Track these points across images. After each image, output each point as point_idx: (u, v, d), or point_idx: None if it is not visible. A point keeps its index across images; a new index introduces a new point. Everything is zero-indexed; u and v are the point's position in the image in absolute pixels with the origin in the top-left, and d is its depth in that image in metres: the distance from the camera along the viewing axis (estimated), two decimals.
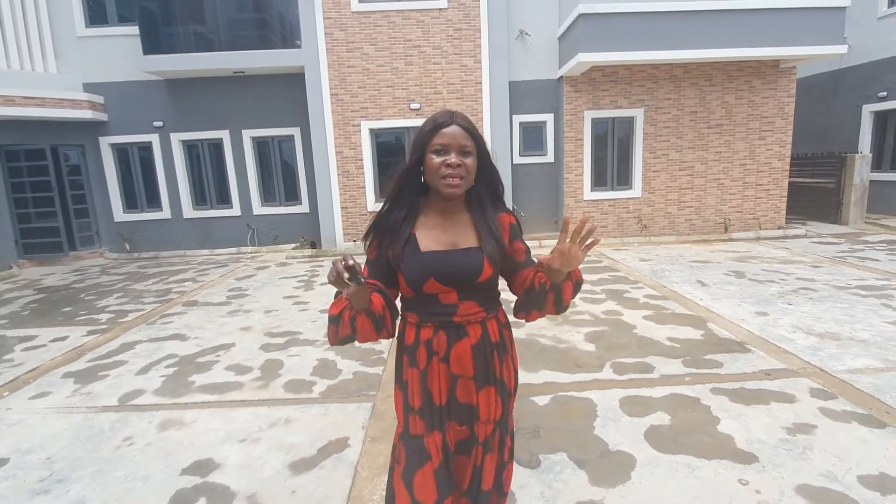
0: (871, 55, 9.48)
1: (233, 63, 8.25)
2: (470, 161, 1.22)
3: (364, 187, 8.66)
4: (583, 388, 3.11)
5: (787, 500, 2.02)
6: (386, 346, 3.97)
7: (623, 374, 3.29)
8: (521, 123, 8.84)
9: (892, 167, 9.57)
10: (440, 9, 8.07)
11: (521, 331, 4.21)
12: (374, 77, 8.25)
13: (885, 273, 5.67)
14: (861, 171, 8.79)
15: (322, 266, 7.53)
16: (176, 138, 9.05)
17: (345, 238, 8.80)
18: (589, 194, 8.70)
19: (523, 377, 3.26)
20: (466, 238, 1.28)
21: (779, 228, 8.76)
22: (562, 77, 8.36)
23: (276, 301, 5.53)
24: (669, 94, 8.38)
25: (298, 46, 8.18)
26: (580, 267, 1.25)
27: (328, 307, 1.30)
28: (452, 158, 1.19)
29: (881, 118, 9.78)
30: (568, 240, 1.14)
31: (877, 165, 9.58)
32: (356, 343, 1.29)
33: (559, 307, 1.28)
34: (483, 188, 1.31)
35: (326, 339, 1.40)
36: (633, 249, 7.97)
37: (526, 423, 2.72)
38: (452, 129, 1.21)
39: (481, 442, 1.34)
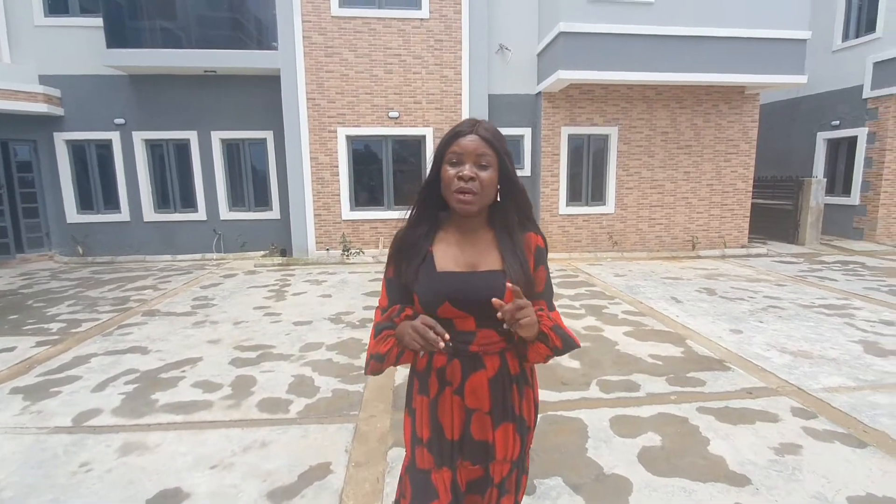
0: (826, 86, 10.08)
1: (205, 61, 7.94)
2: (487, 174, 1.11)
3: (339, 195, 8.46)
4: (572, 407, 3.05)
5: None
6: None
7: (610, 392, 3.26)
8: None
9: (843, 192, 10.16)
10: (422, 19, 8.05)
11: None
12: (352, 83, 8.11)
13: (844, 293, 5.95)
14: (816, 194, 9.28)
15: (293, 275, 7.27)
16: (139, 137, 8.60)
17: (317, 246, 8.55)
18: (564, 209, 8.81)
19: None
20: (488, 259, 1.18)
21: (742, 247, 9.11)
22: (540, 92, 8.47)
23: (246, 312, 5.26)
24: (642, 115, 8.62)
25: (275, 48, 7.96)
26: (575, 329, 1.19)
27: (369, 345, 1.24)
28: (466, 170, 1.09)
29: (833, 145, 10.39)
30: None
31: (830, 190, 10.15)
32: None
33: (523, 360, 1.22)
34: (510, 205, 1.20)
35: (364, 369, 1.28)
36: (606, 264, 8.09)
37: None
38: (470, 139, 1.11)
39: (496, 483, 1.23)
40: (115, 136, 8.56)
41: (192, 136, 8.66)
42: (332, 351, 4.05)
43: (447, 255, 1.19)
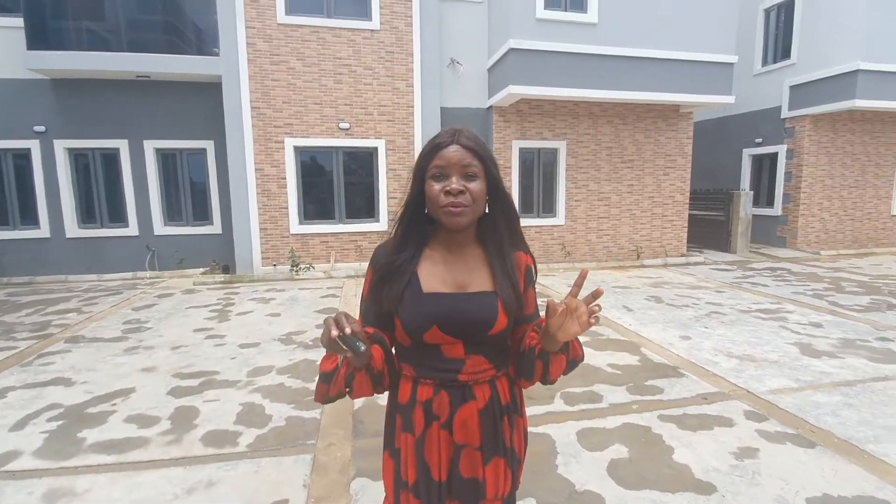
0: (749, 106, 10.95)
1: (137, 66, 7.40)
2: (476, 185, 1.02)
3: (287, 208, 8.11)
4: (538, 422, 3.00)
5: None
6: None
7: (574, 404, 3.25)
8: None
9: (767, 203, 11.01)
10: (372, 30, 7.96)
11: None
12: (300, 93, 7.85)
13: (776, 297, 6.37)
14: (745, 206, 10.00)
15: (238, 293, 6.84)
16: (61, 146, 7.85)
17: (263, 262, 8.13)
18: None
19: None
20: (478, 279, 1.09)
21: (682, 256, 9.62)
22: (491, 107, 8.60)
23: (185, 335, 4.85)
24: (588, 130, 8.95)
25: (216, 54, 7.56)
26: (583, 346, 1.11)
27: (319, 362, 1.14)
28: (453, 184, 1.00)
29: (757, 161, 11.27)
30: (577, 299, 0.95)
31: (756, 202, 10.96)
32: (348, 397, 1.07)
33: (545, 380, 1.08)
34: (499, 217, 1.11)
35: (314, 396, 1.12)
36: (559, 275, 8.25)
37: None
38: (453, 150, 1.02)
39: None
40: (34, 145, 7.77)
41: (122, 144, 8.02)
42: (284, 375, 3.79)
43: (434, 275, 1.09)
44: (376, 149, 8.32)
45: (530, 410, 3.16)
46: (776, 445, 2.71)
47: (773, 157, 10.80)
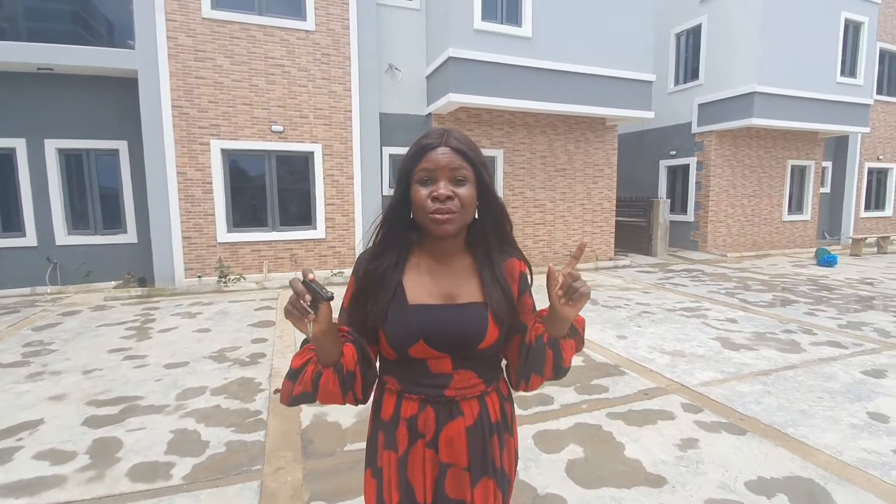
0: (664, 122, 11.91)
1: (38, 57, 6.57)
2: (465, 191, 0.96)
3: (213, 214, 7.56)
4: None
5: None
6: (262, 404, 3.35)
7: (527, 407, 3.29)
8: (391, 156, 8.80)
9: (681, 210, 11.99)
10: (307, 31, 7.69)
11: None
12: (228, 92, 7.38)
13: (695, 296, 6.93)
14: (664, 213, 10.82)
15: (158, 308, 6.25)
16: None
17: (187, 273, 7.51)
18: None
19: None
20: (466, 289, 1.04)
21: (610, 259, 10.20)
22: (431, 114, 8.62)
23: (98, 357, 4.32)
24: (524, 139, 9.25)
25: (131, 47, 6.91)
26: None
27: (289, 363, 1.01)
28: (441, 189, 0.94)
29: (672, 171, 12.27)
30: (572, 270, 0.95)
31: (673, 209, 11.91)
32: (317, 402, 1.00)
33: (558, 370, 1.04)
34: (488, 224, 1.05)
35: (277, 396, 1.00)
36: None
37: None
38: (441, 152, 0.96)
39: None
40: None
41: (18, 144, 7.06)
42: (219, 396, 3.49)
43: (420, 286, 1.03)
44: (312, 153, 8.02)
45: None
46: (713, 435, 2.90)
47: (686, 168, 11.81)
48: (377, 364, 1.10)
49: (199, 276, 7.53)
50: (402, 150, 8.76)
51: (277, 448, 2.77)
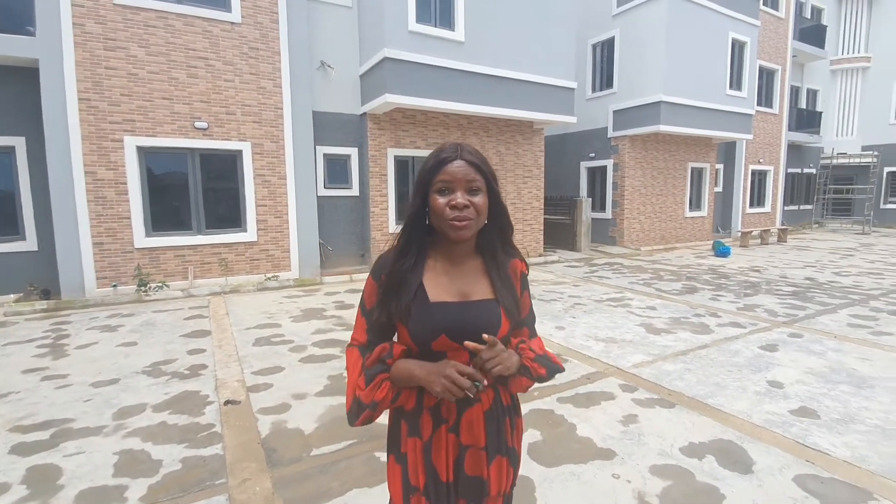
0: (584, 126, 12.76)
1: None
2: (479, 199, 1.08)
3: (129, 218, 6.94)
4: None
5: (649, 482, 2.43)
6: (214, 416, 3.21)
7: None
8: (325, 155, 8.62)
9: (601, 208, 12.94)
10: (233, 22, 7.30)
11: None
12: (144, 85, 6.81)
13: (619, 287, 7.57)
14: (586, 211, 11.62)
15: (70, 322, 5.64)
16: None
17: (99, 283, 6.83)
18: (394, 227, 9.01)
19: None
20: (479, 288, 1.15)
21: (540, 256, 10.77)
22: (365, 113, 8.56)
23: (12, 379, 3.85)
24: (458, 141, 9.45)
25: (31, 34, 6.14)
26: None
27: (351, 394, 1.15)
28: (459, 198, 1.05)
29: (592, 172, 13.20)
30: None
31: (594, 207, 12.81)
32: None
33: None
34: (494, 229, 1.17)
35: (348, 420, 1.08)
36: None
37: None
38: (457, 165, 1.07)
39: None
40: None
41: None
42: (163, 412, 3.28)
43: (438, 285, 1.13)
44: (241, 152, 7.64)
45: None
46: (648, 410, 3.26)
47: (603, 170, 12.76)
48: None
49: (114, 286, 6.89)
50: (338, 150, 8.65)
51: (239, 460, 2.69)
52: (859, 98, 19.43)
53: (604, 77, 12.53)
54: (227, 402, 3.44)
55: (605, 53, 12.48)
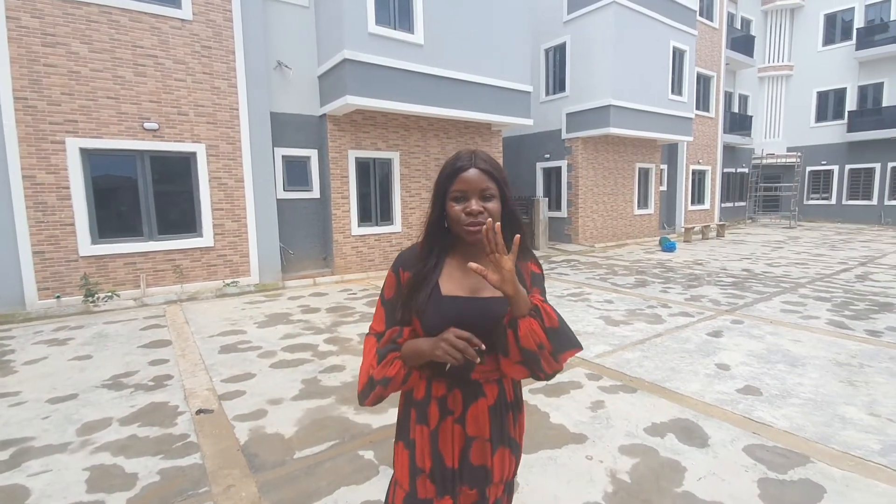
0: (539, 128, 13.18)
1: None
2: (492, 205, 1.14)
3: (73, 224, 6.54)
4: None
5: (619, 460, 2.63)
6: (187, 426, 3.15)
7: None
8: (284, 157, 8.45)
9: (557, 207, 13.40)
10: (183, 19, 7.03)
11: (345, 373, 4.04)
12: (88, 83, 6.45)
13: (577, 283, 7.91)
14: (543, 210, 12.02)
15: (13, 337, 5.27)
16: None
17: (41, 294, 6.39)
18: (356, 230, 8.97)
19: (378, 420, 3.17)
20: (490, 285, 1.16)
21: None
22: (325, 115, 8.47)
23: None
24: (419, 142, 9.57)
25: None
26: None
27: (363, 373, 1.22)
28: (473, 205, 1.12)
29: (548, 172, 13.65)
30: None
31: (550, 206, 13.24)
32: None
33: (524, 353, 1.08)
34: (507, 232, 1.18)
35: (359, 399, 1.15)
36: None
37: None
38: (471, 174, 1.14)
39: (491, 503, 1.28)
40: None
41: None
42: (131, 425, 3.18)
43: (452, 280, 1.22)
44: (195, 154, 7.37)
45: None
46: (613, 395, 3.49)
47: (558, 170, 13.23)
48: None
49: (58, 297, 6.47)
50: (297, 151, 8.52)
51: (220, 467, 2.66)
52: (784, 103, 21.15)
53: (557, 81, 12.99)
54: (199, 412, 3.37)
55: (557, 58, 12.94)
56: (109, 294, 6.68)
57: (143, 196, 7.08)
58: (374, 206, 9.26)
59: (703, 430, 2.94)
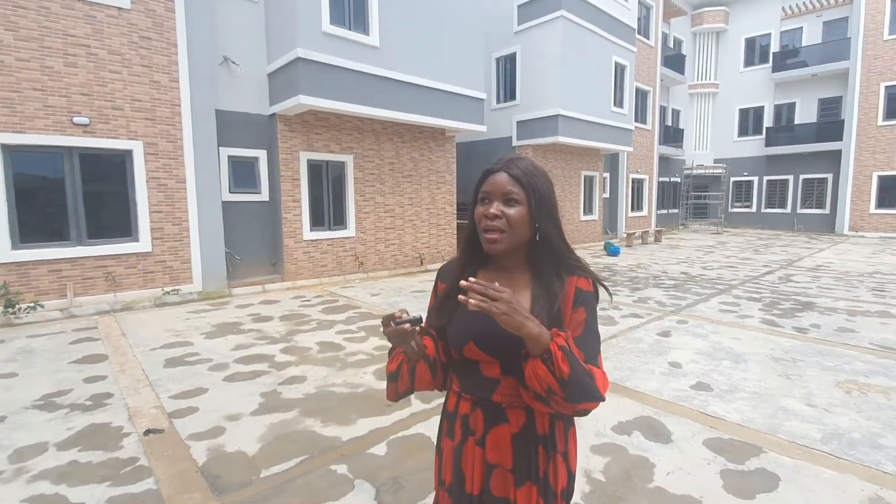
0: (491, 135, 13.41)
1: None
2: (514, 211, 1.06)
3: None
4: (407, 425, 3.17)
5: (591, 460, 2.70)
6: (135, 449, 2.89)
7: (430, 401, 3.53)
8: (230, 157, 8.04)
9: None
10: (119, 8, 6.51)
11: (307, 384, 3.89)
12: (12, 74, 5.81)
13: None
14: None
15: None
16: None
17: None
18: (308, 234, 8.69)
19: (347, 432, 3.06)
20: (520, 301, 1.02)
21: None
22: (275, 114, 8.15)
23: None
24: (373, 146, 9.44)
25: None
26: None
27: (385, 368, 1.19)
28: (491, 208, 1.06)
29: None
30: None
31: None
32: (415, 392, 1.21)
33: (539, 399, 0.98)
34: (542, 245, 1.12)
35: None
36: (358, 286, 8.43)
37: (381, 476, 2.57)
38: (498, 176, 1.08)
39: None
40: None
41: None
42: (70, 449, 2.87)
43: None
44: (131, 152, 6.83)
45: (395, 417, 3.30)
46: None
47: None
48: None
49: None
50: (244, 152, 8.16)
51: (178, 492, 2.46)
52: (711, 118, 22.89)
53: (507, 89, 13.30)
54: (147, 432, 3.11)
55: (508, 67, 13.26)
56: (32, 305, 6.04)
57: (71, 197, 6.47)
58: (327, 210, 9.01)
59: (665, 427, 3.09)
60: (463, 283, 0.93)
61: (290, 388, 3.82)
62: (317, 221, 8.87)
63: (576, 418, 1.14)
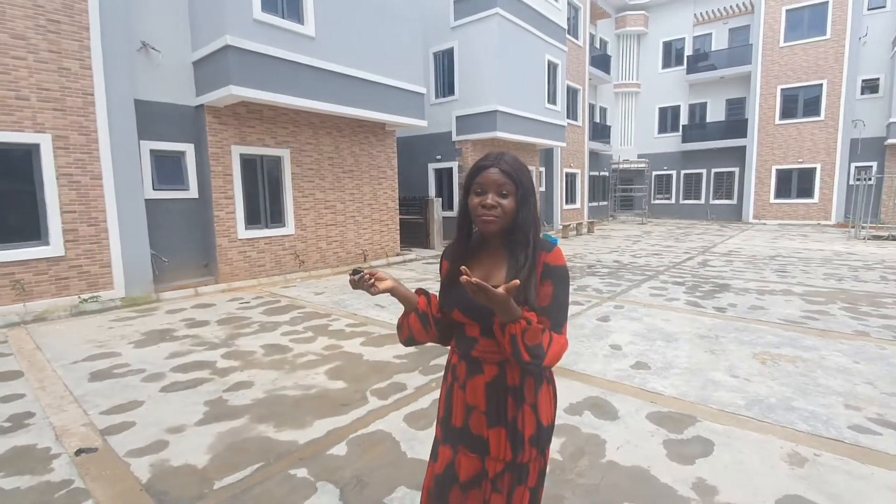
0: (431, 129, 13.40)
1: None
2: (507, 202, 1.25)
3: None
4: (366, 423, 3.14)
5: None
6: (67, 471, 2.64)
7: (387, 398, 3.52)
8: (152, 151, 7.44)
9: (449, 207, 13.79)
10: None
11: (255, 389, 3.73)
12: None
13: None
14: (438, 210, 12.29)
15: None
16: None
17: None
18: (244, 233, 8.26)
19: (303, 435, 2.99)
20: (497, 275, 1.31)
21: (398, 255, 11.04)
22: (202, 105, 7.65)
23: None
24: (310, 140, 9.13)
25: None
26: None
27: None
28: (489, 199, 1.24)
29: (439, 173, 13.99)
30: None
31: (443, 206, 13.57)
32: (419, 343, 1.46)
33: (513, 352, 1.18)
34: (519, 228, 1.27)
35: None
36: (300, 285, 8.16)
37: (343, 475, 2.54)
38: (492, 172, 1.26)
39: (490, 478, 1.36)
40: None
41: None
42: None
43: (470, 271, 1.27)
44: (38, 146, 6.13)
45: (353, 415, 3.26)
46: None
47: (450, 171, 13.64)
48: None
49: None
50: (169, 145, 7.63)
51: None
52: (634, 116, 24.40)
53: (446, 84, 13.37)
54: (79, 452, 2.84)
55: (446, 62, 13.31)
56: None
57: None
58: (264, 207, 8.62)
59: (612, 405, 3.30)
60: (463, 278, 1.09)
61: (237, 395, 3.65)
62: (252, 219, 8.46)
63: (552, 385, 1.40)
